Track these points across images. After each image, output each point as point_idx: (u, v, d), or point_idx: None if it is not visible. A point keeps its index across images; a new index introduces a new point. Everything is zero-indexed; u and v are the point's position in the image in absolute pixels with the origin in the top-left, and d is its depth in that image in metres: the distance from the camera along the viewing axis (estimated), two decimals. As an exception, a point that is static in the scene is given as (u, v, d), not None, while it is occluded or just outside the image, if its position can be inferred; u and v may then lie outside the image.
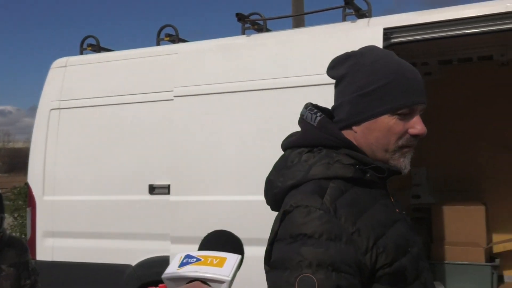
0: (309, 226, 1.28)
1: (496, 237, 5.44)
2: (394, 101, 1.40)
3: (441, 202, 5.36)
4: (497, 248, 5.41)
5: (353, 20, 4.01)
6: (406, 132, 1.43)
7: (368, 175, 1.40)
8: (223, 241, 1.37)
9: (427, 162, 5.70)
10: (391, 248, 1.33)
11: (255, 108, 4.07)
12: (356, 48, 3.77)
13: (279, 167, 1.49)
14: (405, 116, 1.42)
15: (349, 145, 1.42)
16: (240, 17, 4.36)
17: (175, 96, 4.39)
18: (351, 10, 4.03)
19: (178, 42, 4.76)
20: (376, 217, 1.36)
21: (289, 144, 1.51)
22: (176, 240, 4.23)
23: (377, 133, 1.42)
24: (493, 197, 5.44)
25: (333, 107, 1.50)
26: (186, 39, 4.87)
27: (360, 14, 4.03)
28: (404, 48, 4.73)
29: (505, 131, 5.41)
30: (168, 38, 4.78)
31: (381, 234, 1.34)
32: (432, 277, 1.56)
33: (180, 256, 1.27)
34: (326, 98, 3.80)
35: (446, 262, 5.14)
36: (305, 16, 7.77)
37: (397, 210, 1.49)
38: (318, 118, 1.45)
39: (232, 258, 1.26)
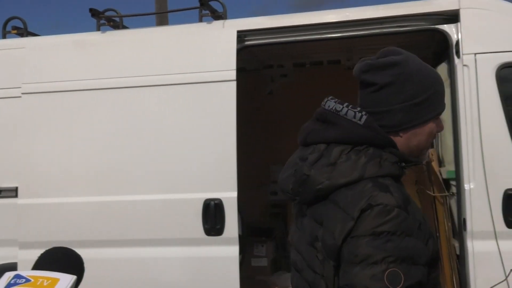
0: (391, 224, 1.36)
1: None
2: (438, 108, 1.56)
3: (296, 198, 5.64)
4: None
5: (209, 22, 4.07)
6: (435, 133, 1.60)
7: (405, 171, 1.54)
8: (59, 259, 1.31)
9: (283, 160, 5.94)
10: (429, 235, 1.47)
11: (109, 107, 3.96)
12: (210, 49, 3.84)
13: (320, 163, 1.53)
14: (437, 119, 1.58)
15: (393, 145, 1.53)
16: (94, 13, 4.22)
17: (23, 93, 4.13)
18: (208, 12, 4.09)
19: (26, 36, 4.48)
20: (417, 208, 1.50)
21: (325, 139, 1.56)
22: (25, 245, 3.98)
23: (421, 137, 1.55)
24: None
25: (374, 110, 1.55)
26: (36, 33, 4.59)
27: (216, 15, 4.11)
28: (262, 50, 4.93)
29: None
30: (15, 31, 4.47)
31: (424, 222, 1.47)
32: None
33: (9, 275, 1.19)
34: (180, 97, 3.88)
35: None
36: (170, 15, 7.74)
37: None
38: (364, 117, 1.53)
39: (65, 279, 1.21)
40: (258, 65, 5.74)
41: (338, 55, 5.41)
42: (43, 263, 1.28)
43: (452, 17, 3.62)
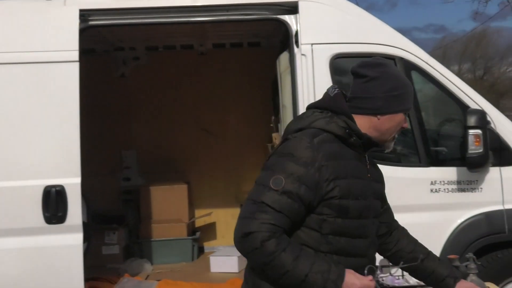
0: (297, 150, 1.84)
1: (198, 213, 5.95)
2: (407, 104, 2.00)
3: (149, 183, 5.60)
4: (198, 223, 5.94)
5: (50, -2, 3.83)
6: (401, 126, 2.00)
7: (353, 138, 1.92)
8: None
9: (136, 145, 5.89)
10: (344, 188, 1.85)
11: None
12: (50, 27, 3.61)
13: (297, 118, 2.11)
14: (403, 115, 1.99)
15: (348, 116, 1.94)
16: None
17: None
18: (49, -12, 3.84)
19: None
20: (346, 166, 1.89)
21: (309, 105, 2.06)
22: None
23: (392, 123, 1.97)
24: (195, 176, 5.93)
25: (362, 96, 1.96)
26: None
27: (58, -8, 3.88)
28: (110, 31, 4.77)
29: (203, 114, 5.93)
30: None
31: (343, 176, 1.86)
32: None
33: None
34: (18, 78, 3.62)
35: (152, 239, 5.42)
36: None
37: (368, 175, 2.00)
38: (336, 91, 2.00)
39: None
40: (108, 47, 5.56)
41: (191, 40, 5.44)
42: None
43: (292, 8, 3.81)
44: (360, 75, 1.98)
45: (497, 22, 53.94)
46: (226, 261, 5.04)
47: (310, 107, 2.06)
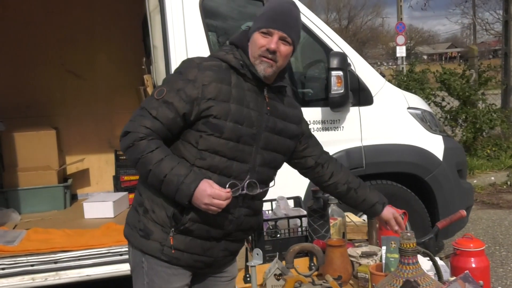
0: (185, 69, 2.01)
1: (69, 160, 5.72)
2: (261, 23, 2.03)
3: (11, 130, 5.25)
4: (70, 170, 5.73)
5: None
6: (263, 46, 2.01)
7: (243, 70, 2.03)
8: None
9: (-4, 89, 5.45)
10: (222, 109, 1.96)
11: None
12: None
13: None
14: (265, 35, 2.01)
15: (244, 49, 2.07)
16: None
17: None
18: None
19: None
20: (231, 92, 2.00)
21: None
22: None
23: (252, 44, 2.04)
24: (64, 121, 5.66)
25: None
26: None
27: None
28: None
29: (68, 55, 5.61)
30: None
31: (224, 99, 1.98)
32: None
33: None
34: None
35: (19, 188, 5.14)
36: None
37: (268, 108, 2.08)
38: (245, 28, 2.14)
39: None
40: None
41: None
42: None
43: None
44: None
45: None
46: (100, 206, 4.94)
47: (228, 41, 2.21)
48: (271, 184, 2.17)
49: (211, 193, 1.87)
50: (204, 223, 2.00)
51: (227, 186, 1.94)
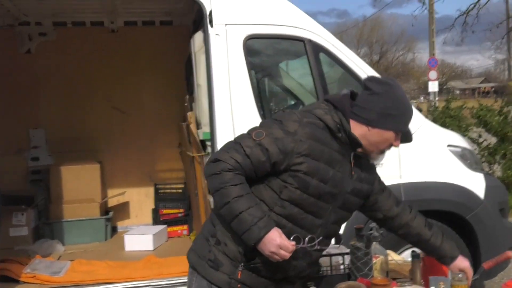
0: (287, 120, 2.11)
1: (110, 192, 5.88)
2: (399, 126, 2.14)
3: (59, 163, 5.46)
4: (111, 202, 5.89)
5: None
6: (392, 144, 2.16)
7: (340, 134, 2.12)
8: None
9: (45, 124, 5.69)
10: (312, 167, 2.06)
11: None
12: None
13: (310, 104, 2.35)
14: (397, 136, 2.15)
15: (344, 114, 2.13)
16: None
17: None
18: None
19: None
20: (324, 151, 2.09)
21: (325, 98, 2.26)
22: None
23: (380, 138, 2.13)
24: (108, 155, 5.85)
25: (362, 106, 2.14)
26: None
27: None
28: (15, 4, 4.56)
29: (114, 93, 5.84)
30: None
31: (316, 158, 2.07)
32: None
33: None
34: None
35: (64, 220, 5.32)
36: None
37: (352, 173, 2.19)
38: (346, 92, 2.21)
39: None
40: (12, 21, 5.29)
41: (101, 17, 5.31)
42: None
43: (206, -13, 3.86)
44: (367, 87, 2.17)
45: (394, 9, 56.80)
46: (140, 239, 5.06)
47: (325, 99, 2.30)
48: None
49: (280, 243, 1.96)
50: (272, 266, 2.08)
51: (292, 238, 2.03)
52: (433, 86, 16.90)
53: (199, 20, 4.43)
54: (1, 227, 4.54)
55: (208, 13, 3.83)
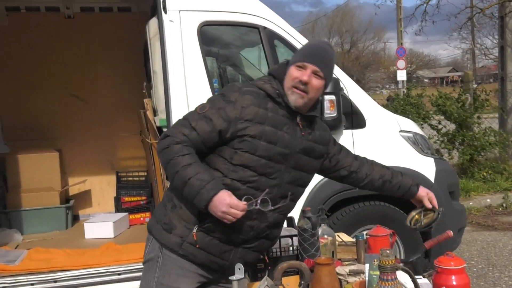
0: (228, 92, 2.24)
1: (71, 181, 5.84)
2: (294, 59, 2.26)
3: (15, 151, 5.38)
4: (72, 191, 5.84)
5: None
6: (296, 78, 2.21)
7: (280, 99, 2.22)
8: None
9: (0, 111, 5.59)
10: (257, 130, 2.16)
11: None
12: None
13: None
14: (300, 68, 2.21)
15: (281, 81, 2.25)
16: None
17: None
18: None
19: None
20: (267, 116, 2.19)
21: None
22: None
23: (288, 78, 2.23)
24: (67, 143, 5.79)
25: None
26: None
27: None
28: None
29: (71, 80, 5.77)
30: None
31: (260, 122, 2.17)
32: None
33: None
34: None
35: (22, 209, 5.25)
36: None
37: (302, 133, 2.29)
38: (284, 61, 2.35)
39: None
40: (-37, 5, 5.18)
41: (56, 3, 5.23)
42: None
43: (160, -27, 3.84)
44: None
45: (367, -2, 57.14)
46: (100, 226, 5.04)
47: (268, 73, 2.42)
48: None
49: (230, 202, 2.04)
50: (226, 226, 2.14)
51: (243, 199, 2.10)
52: (402, 75, 17.18)
53: (155, 7, 4.42)
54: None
55: (162, -1, 3.82)
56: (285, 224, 3.11)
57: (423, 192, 2.60)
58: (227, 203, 2.03)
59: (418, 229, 2.64)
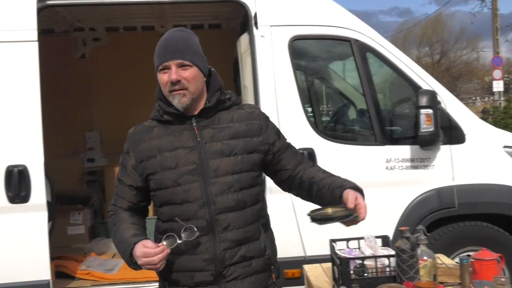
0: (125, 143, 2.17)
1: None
2: (156, 64, 2.05)
3: (112, 164, 5.61)
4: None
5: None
6: (167, 82, 2.01)
7: (164, 116, 2.08)
8: None
9: (99, 126, 5.89)
10: (153, 165, 2.04)
11: None
12: (7, 5, 3.56)
13: None
14: (164, 71, 2.02)
15: (160, 99, 2.10)
16: None
17: None
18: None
19: None
20: (156, 145, 2.05)
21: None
22: None
23: (161, 86, 2.06)
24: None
25: None
26: None
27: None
28: (68, 11, 4.75)
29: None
30: None
31: (153, 155, 2.05)
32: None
33: None
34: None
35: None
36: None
37: (198, 139, 2.05)
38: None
39: None
40: (67, 27, 5.51)
41: (151, 21, 5.43)
42: None
43: (251, -11, 3.88)
44: None
45: (459, 6, 54.93)
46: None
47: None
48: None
49: (140, 254, 1.90)
50: (180, 271, 2.03)
51: (163, 239, 1.92)
52: (498, 86, 16.32)
53: (245, 23, 4.47)
54: (59, 226, 4.71)
55: (253, 15, 3.85)
56: (379, 243, 2.97)
57: (352, 193, 2.02)
58: (137, 256, 1.90)
59: (311, 216, 2.04)
